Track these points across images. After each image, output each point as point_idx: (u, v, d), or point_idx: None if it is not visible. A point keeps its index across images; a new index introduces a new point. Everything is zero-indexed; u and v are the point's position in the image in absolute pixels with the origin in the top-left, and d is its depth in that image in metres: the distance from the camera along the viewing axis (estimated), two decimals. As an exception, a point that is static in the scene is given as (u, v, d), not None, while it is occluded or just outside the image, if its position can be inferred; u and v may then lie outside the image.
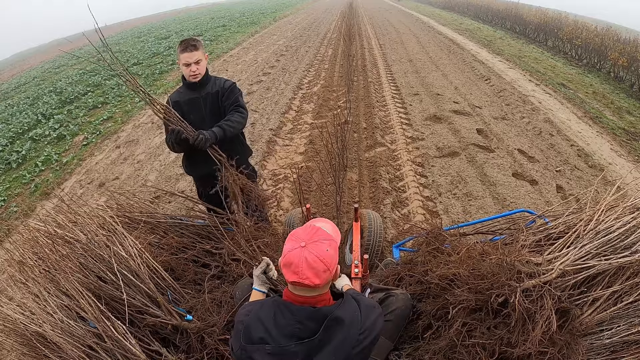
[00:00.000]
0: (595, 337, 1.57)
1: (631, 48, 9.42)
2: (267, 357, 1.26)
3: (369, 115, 6.71)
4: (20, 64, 21.82)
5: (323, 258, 1.29)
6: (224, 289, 1.90)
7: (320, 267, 1.28)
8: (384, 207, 4.04)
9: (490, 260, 1.63)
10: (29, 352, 1.60)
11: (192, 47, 2.53)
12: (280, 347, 1.26)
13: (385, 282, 1.94)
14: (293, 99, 7.77)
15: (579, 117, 6.52)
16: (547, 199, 4.13)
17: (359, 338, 1.29)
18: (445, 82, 8.42)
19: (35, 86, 12.79)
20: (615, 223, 1.70)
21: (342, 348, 1.26)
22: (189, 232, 2.23)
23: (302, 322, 1.29)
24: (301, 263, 1.27)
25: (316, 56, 11.54)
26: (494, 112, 6.66)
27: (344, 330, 1.28)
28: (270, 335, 1.28)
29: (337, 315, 1.30)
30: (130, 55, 14.49)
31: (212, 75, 2.77)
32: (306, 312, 1.31)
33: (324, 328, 1.28)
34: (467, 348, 1.55)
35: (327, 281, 1.33)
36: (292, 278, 1.28)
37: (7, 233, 3.73)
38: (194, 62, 2.55)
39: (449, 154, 5.15)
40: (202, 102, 2.66)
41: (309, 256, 1.28)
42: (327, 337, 1.27)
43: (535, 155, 5.11)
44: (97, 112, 8.48)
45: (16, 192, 5.53)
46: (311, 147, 5.50)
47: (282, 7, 28.44)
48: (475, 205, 4.05)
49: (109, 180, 5.34)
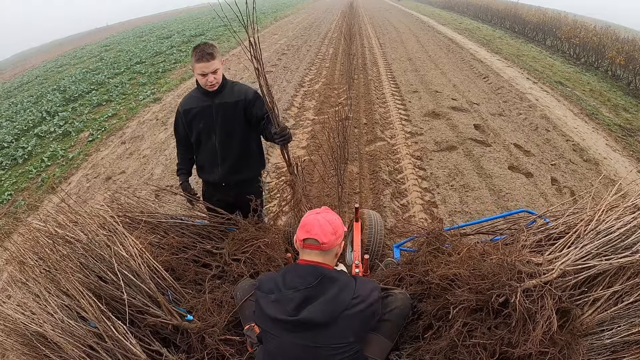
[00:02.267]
0: (596, 337, 1.55)
1: (629, 47, 9.38)
2: (270, 304, 1.46)
3: (369, 111, 6.78)
4: (22, 63, 21.77)
5: (332, 222, 1.54)
6: (224, 289, 1.88)
7: (329, 229, 1.51)
8: (383, 198, 4.15)
9: (491, 261, 1.60)
10: (29, 351, 1.58)
11: (209, 56, 2.26)
12: (282, 294, 1.46)
13: (386, 282, 1.92)
14: (295, 96, 7.81)
15: (575, 114, 6.57)
16: (541, 190, 4.23)
17: (351, 302, 1.43)
18: (444, 80, 8.46)
19: (39, 85, 12.77)
20: (615, 223, 1.67)
21: (332, 303, 1.42)
22: (189, 232, 2.20)
23: (302, 276, 1.48)
24: (314, 223, 1.51)
25: (317, 55, 11.52)
26: (491, 108, 6.73)
27: (335, 288, 1.45)
28: (277, 287, 1.49)
29: (333, 275, 1.49)
30: (132, 54, 14.45)
31: (230, 81, 2.50)
32: (307, 268, 1.50)
33: (319, 282, 1.45)
34: (467, 348, 1.53)
35: (333, 245, 1.53)
36: (304, 235, 1.51)
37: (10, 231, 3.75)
38: (210, 72, 2.29)
39: (447, 148, 5.25)
40: (215, 110, 2.42)
41: (321, 219, 1.53)
42: (321, 290, 1.44)
43: (531, 149, 5.19)
44: (101, 110, 8.49)
45: (22, 186, 5.56)
46: (313, 141, 5.57)
47: (283, 7, 28.33)
48: (472, 196, 4.14)
49: (115, 174, 5.39)
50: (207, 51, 2.26)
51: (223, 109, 2.42)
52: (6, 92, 13.23)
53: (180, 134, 2.59)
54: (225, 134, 2.46)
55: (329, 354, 1.40)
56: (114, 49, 16.99)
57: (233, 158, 2.50)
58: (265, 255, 2.07)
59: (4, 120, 8.97)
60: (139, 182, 5.03)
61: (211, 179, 2.62)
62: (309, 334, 1.40)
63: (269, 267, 2.04)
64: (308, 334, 1.40)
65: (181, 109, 2.51)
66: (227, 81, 2.47)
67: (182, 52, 13.81)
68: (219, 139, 2.47)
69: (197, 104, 2.45)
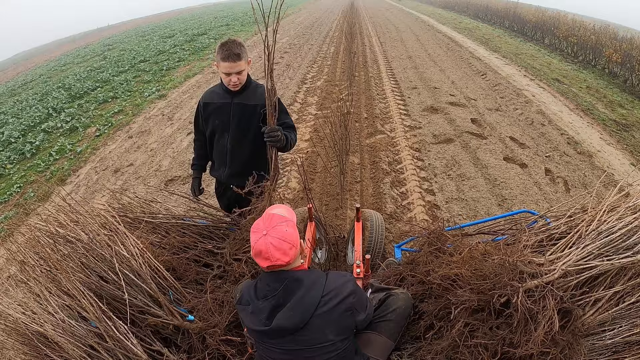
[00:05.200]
0: (597, 337, 1.52)
1: (627, 45, 9.34)
2: (248, 316, 1.46)
3: (370, 106, 6.87)
4: (25, 62, 21.71)
5: (285, 238, 1.41)
6: (225, 289, 1.85)
7: (286, 246, 1.40)
8: (383, 186, 4.29)
9: (493, 261, 1.58)
10: (30, 351, 1.56)
11: (236, 57, 2.14)
12: (255, 305, 1.44)
13: (387, 282, 1.90)
14: (298, 92, 7.87)
15: (570, 109, 6.63)
16: (535, 180, 4.35)
17: (322, 300, 1.39)
18: (442, 77, 8.50)
19: (43, 83, 12.72)
20: (617, 223, 1.64)
21: (300, 305, 1.38)
22: (190, 232, 2.17)
23: (269, 284, 1.44)
24: (268, 249, 1.38)
25: (319, 53, 11.50)
26: (488, 104, 6.82)
27: (302, 290, 1.40)
28: (251, 298, 1.47)
29: (297, 276, 1.43)
30: (136, 53, 14.38)
31: (255, 82, 2.40)
32: (272, 276, 1.45)
33: (283, 287, 1.41)
34: (469, 348, 1.50)
35: (295, 255, 1.45)
36: (265, 264, 1.41)
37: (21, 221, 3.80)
38: (235, 73, 2.19)
39: (445, 140, 5.38)
40: (232, 109, 2.34)
41: (273, 241, 1.39)
42: (286, 295, 1.41)
43: (526, 142, 5.30)
44: (107, 106, 8.50)
45: (31, 179, 5.62)
46: (316, 134, 5.68)
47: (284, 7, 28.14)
48: (467, 184, 4.27)
49: (123, 167, 5.45)
50: (234, 51, 2.14)
51: (240, 109, 2.33)
52: (10, 90, 13.19)
53: (199, 126, 2.56)
54: (238, 135, 2.38)
55: (312, 355, 1.39)
56: (117, 48, 16.92)
57: (241, 161, 2.42)
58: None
59: (9, 117, 8.94)
60: (148, 173, 5.10)
61: (218, 177, 2.59)
62: (287, 338, 1.39)
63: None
64: (286, 339, 1.39)
65: (202, 101, 2.45)
66: (251, 82, 2.37)
67: (186, 50, 13.75)
68: (231, 138, 2.40)
69: (217, 99, 2.38)
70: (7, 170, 6.08)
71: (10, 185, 5.50)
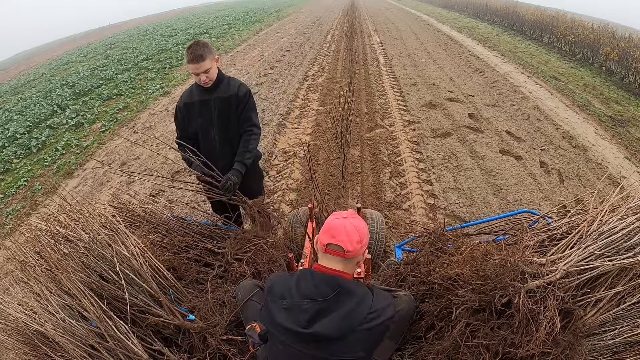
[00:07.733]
0: (598, 338, 1.50)
1: (625, 44, 9.29)
2: (282, 311, 1.34)
3: (370, 102, 6.94)
4: (26, 62, 21.61)
5: (360, 229, 1.40)
6: (226, 289, 1.83)
7: (356, 237, 1.37)
8: (382, 176, 4.37)
9: (494, 261, 1.55)
10: (30, 351, 1.54)
11: (199, 58, 2.26)
12: (294, 302, 1.34)
13: (388, 282, 1.87)
14: (299, 89, 7.91)
15: (567, 106, 6.66)
16: (530, 171, 4.42)
17: (367, 317, 1.32)
18: (441, 74, 8.51)
19: (46, 81, 12.66)
20: (618, 224, 1.61)
21: (348, 318, 1.30)
22: (191, 231, 2.15)
23: (318, 286, 1.35)
24: (341, 228, 1.37)
25: (320, 51, 11.47)
26: (485, 100, 6.87)
27: (353, 303, 1.32)
28: (290, 294, 1.36)
29: (351, 288, 1.35)
30: (139, 51, 14.30)
31: (227, 77, 2.51)
32: (324, 278, 1.36)
33: (336, 294, 1.33)
34: (470, 348, 1.48)
35: (357, 254, 1.39)
36: (328, 240, 1.37)
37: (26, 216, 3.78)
38: (202, 72, 2.31)
39: (442, 134, 5.46)
40: (213, 105, 2.43)
41: (348, 225, 1.38)
42: (337, 304, 1.32)
43: (522, 136, 5.36)
44: (112, 103, 8.48)
45: (38, 173, 5.63)
46: (318, 128, 5.77)
47: (285, 6, 28.08)
48: (464, 175, 4.36)
49: (130, 160, 5.48)
50: (197, 53, 2.26)
51: (220, 102, 2.43)
52: (13, 88, 13.12)
53: (183, 125, 2.56)
54: (223, 130, 2.46)
55: None
56: (119, 47, 16.84)
57: (232, 151, 2.48)
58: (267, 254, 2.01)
59: (14, 114, 8.90)
60: (154, 166, 5.13)
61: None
62: (320, 345, 1.31)
63: (271, 267, 1.98)
64: (319, 345, 1.31)
65: (181, 103, 2.50)
66: (223, 77, 2.47)
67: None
68: (218, 131, 2.47)
69: (197, 97, 2.46)
70: (14, 165, 6.09)
71: (17, 179, 5.52)
